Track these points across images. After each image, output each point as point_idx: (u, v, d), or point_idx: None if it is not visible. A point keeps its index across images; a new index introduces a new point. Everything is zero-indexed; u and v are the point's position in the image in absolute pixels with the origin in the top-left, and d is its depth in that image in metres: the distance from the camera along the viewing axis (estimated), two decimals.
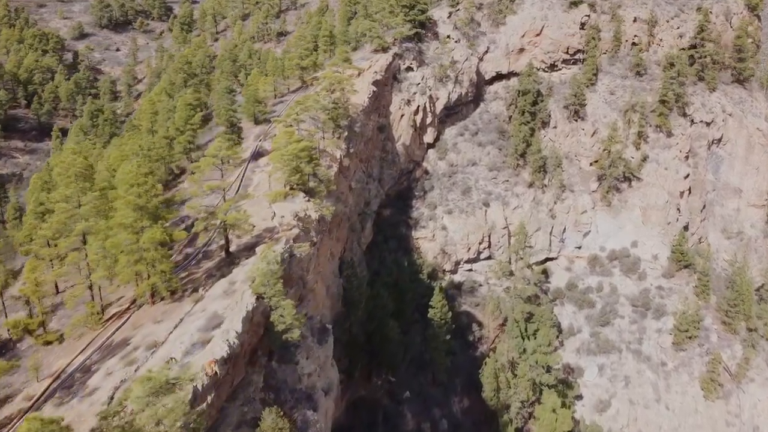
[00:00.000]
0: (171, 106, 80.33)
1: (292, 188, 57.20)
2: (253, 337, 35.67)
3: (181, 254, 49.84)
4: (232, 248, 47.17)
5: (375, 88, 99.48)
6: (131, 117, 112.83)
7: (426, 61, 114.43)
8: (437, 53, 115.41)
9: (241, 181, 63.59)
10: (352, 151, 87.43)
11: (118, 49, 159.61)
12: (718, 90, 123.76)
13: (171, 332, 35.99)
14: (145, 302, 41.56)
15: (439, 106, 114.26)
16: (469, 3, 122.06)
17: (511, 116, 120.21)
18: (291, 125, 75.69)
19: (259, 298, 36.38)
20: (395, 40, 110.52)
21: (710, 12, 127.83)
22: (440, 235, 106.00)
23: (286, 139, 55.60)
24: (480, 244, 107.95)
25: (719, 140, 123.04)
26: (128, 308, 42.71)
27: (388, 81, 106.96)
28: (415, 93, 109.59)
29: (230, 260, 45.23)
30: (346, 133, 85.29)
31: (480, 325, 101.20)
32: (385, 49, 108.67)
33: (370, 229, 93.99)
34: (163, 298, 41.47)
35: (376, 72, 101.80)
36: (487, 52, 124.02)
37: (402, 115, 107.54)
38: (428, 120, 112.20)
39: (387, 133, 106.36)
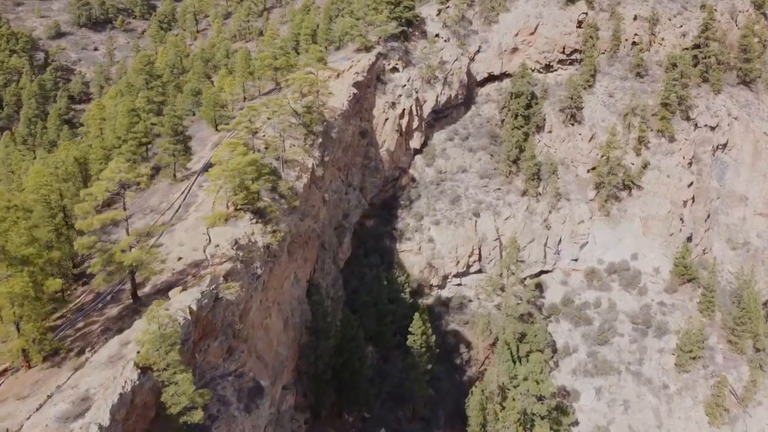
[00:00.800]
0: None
1: (237, 209, 47.69)
2: (138, 422, 26.35)
3: (91, 294, 40.51)
4: (146, 289, 37.72)
5: (356, 90, 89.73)
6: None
7: (413, 62, 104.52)
8: (425, 53, 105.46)
9: (185, 198, 54.05)
10: (327, 159, 77.78)
11: (96, 49, 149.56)
12: (723, 92, 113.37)
13: (28, 418, 26.65)
14: (21, 365, 32.32)
15: (427, 110, 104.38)
16: (460, 0, 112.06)
17: (503, 120, 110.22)
18: (255, 132, 66.40)
19: (147, 370, 27.04)
20: (379, 38, 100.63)
21: (715, 10, 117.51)
22: (427, 247, 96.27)
23: (229, 151, 46.04)
24: (470, 257, 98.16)
25: (724, 145, 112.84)
26: (5, 371, 33.35)
27: (371, 82, 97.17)
28: (400, 95, 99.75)
29: (136, 307, 35.70)
30: (320, 140, 75.66)
31: (469, 345, 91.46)
32: (368, 49, 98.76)
33: (349, 243, 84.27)
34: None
35: (357, 73, 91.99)
36: (478, 51, 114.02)
37: (386, 119, 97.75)
38: (414, 124, 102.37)
39: (370, 138, 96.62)
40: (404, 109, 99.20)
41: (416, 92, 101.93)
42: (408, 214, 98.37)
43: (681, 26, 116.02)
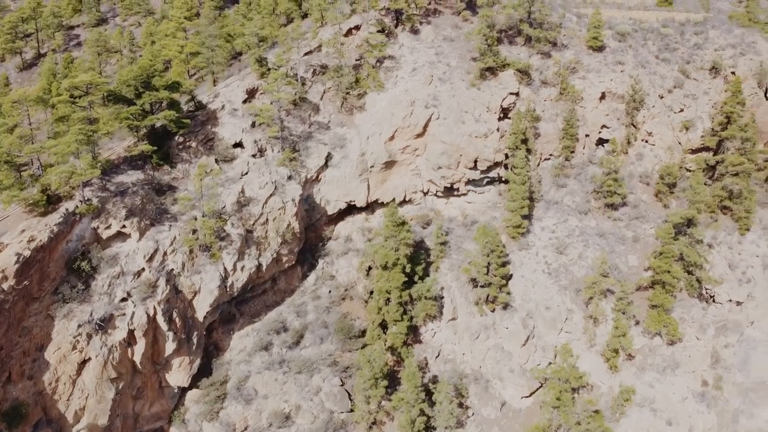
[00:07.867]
0: None
1: None
2: None
3: None
4: None
5: None
6: None
7: (170, 212, 48.21)
8: (199, 193, 48.99)
9: None
10: None
11: None
12: (754, 226, 59.71)
13: None
14: None
15: (203, 307, 48.34)
16: (287, 71, 55.15)
17: (371, 293, 54.90)
18: None
19: None
20: (79, 182, 43.73)
21: (732, 72, 63.41)
22: None
23: None
24: None
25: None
26: None
27: (42, 290, 40.73)
28: (125, 298, 43.57)
29: None
30: None
31: None
32: (48, 208, 42.23)
33: None
34: None
35: None
36: (326, 165, 57.88)
37: (83, 363, 41.57)
38: (170, 346, 46.23)
39: (40, 413, 40.37)
40: (133, 329, 43.02)
41: (172, 278, 45.86)
42: None
43: (681, 110, 61.37)
